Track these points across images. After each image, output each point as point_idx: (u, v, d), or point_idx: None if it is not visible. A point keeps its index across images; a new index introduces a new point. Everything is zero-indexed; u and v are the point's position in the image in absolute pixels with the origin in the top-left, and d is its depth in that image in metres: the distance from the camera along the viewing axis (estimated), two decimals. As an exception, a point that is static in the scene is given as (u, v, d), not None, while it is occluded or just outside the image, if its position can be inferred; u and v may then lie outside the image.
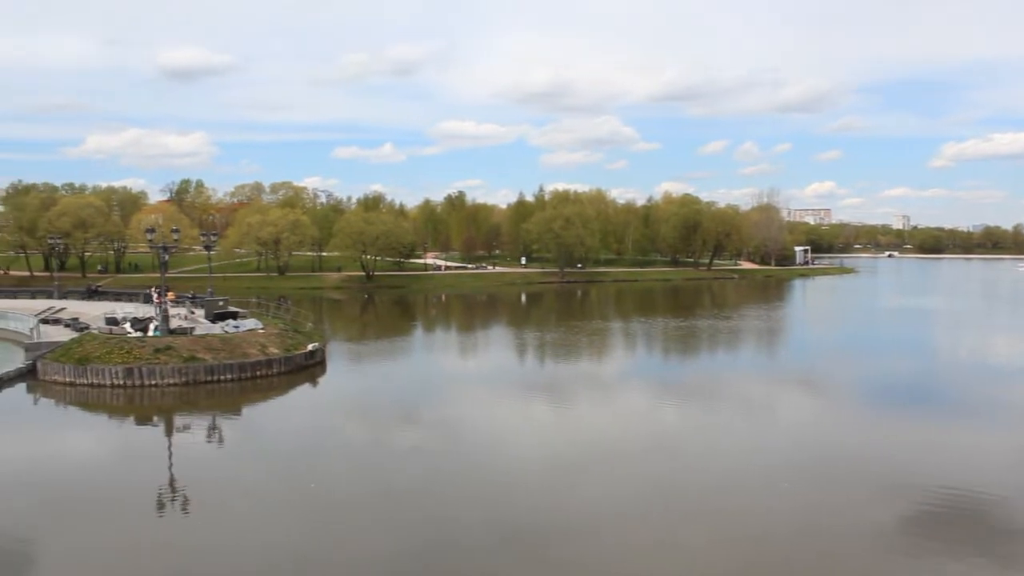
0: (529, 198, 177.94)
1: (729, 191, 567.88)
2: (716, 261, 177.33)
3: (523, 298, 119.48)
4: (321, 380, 47.27)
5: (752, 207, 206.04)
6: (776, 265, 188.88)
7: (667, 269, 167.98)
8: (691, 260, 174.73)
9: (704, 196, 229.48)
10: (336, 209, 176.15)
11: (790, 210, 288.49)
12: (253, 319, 53.57)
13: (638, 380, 49.96)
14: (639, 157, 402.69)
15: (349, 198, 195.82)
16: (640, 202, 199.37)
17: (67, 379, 43.57)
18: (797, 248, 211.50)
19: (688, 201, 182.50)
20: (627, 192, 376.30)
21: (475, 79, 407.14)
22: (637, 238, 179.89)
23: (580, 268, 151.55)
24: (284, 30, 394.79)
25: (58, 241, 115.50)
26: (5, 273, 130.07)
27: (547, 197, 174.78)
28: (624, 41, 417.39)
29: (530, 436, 34.53)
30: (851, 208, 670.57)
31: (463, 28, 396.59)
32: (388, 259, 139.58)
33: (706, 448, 32.48)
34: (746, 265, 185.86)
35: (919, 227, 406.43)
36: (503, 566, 20.48)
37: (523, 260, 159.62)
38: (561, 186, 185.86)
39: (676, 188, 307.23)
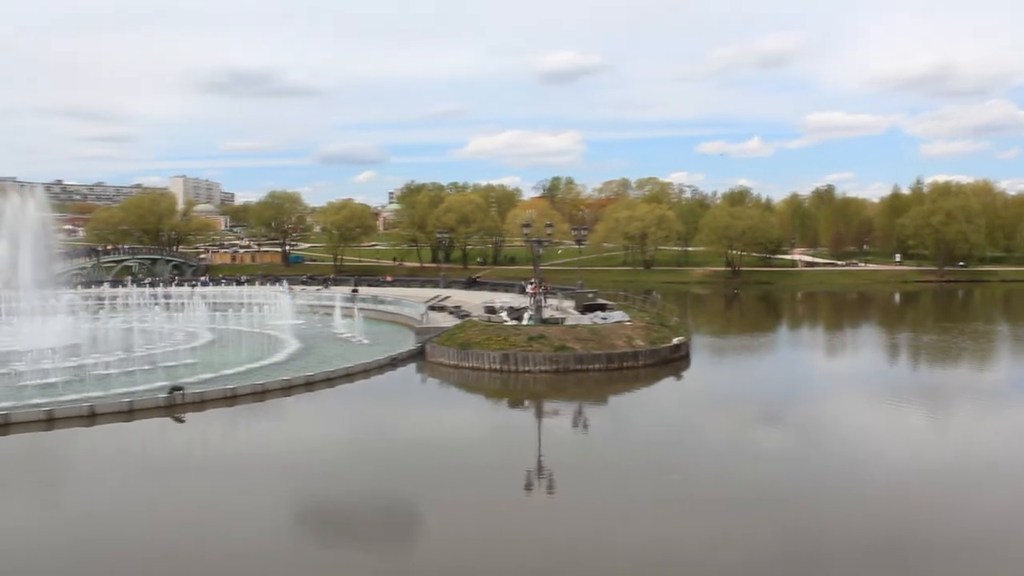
0: (904, 191, 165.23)
1: None
2: None
3: (896, 297, 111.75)
4: (685, 374, 46.97)
5: None
6: None
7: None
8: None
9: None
10: (701, 204, 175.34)
11: None
12: (620, 311, 54.47)
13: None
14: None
15: (714, 193, 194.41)
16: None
17: (450, 361, 46.87)
18: None
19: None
20: (1020, 183, 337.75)
21: (847, 68, 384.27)
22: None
23: (962, 266, 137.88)
24: (653, 29, 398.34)
25: (444, 235, 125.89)
26: (400, 264, 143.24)
27: (925, 190, 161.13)
28: (1018, 17, 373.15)
29: (902, 445, 31.90)
30: None
31: (836, 15, 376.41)
32: (754, 255, 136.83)
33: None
34: None
35: None
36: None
37: (897, 257, 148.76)
38: (941, 178, 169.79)
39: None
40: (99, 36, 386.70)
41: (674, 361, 48.37)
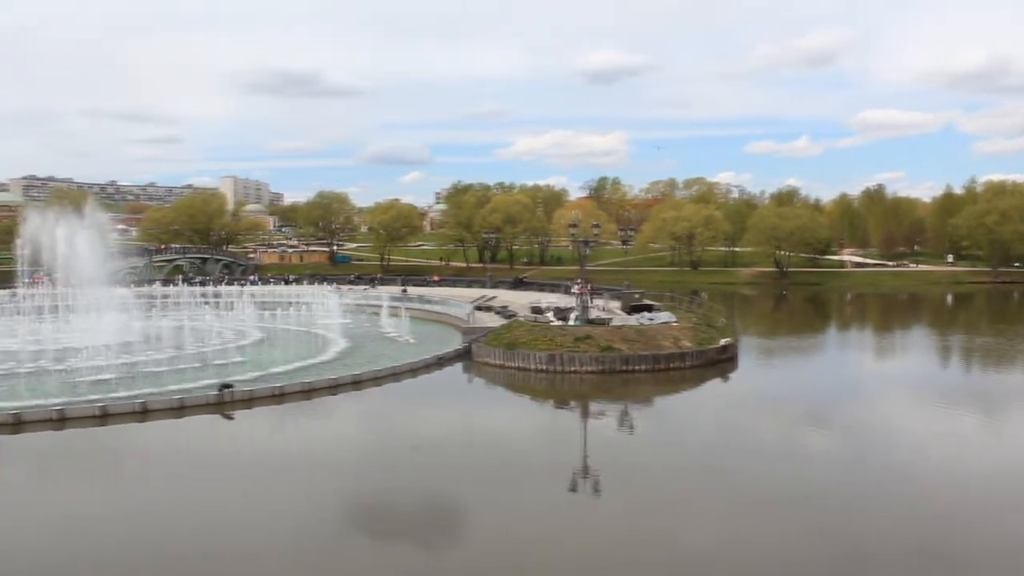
0: (957, 190, 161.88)
1: None
2: None
3: (948, 299, 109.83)
4: (732, 376, 46.60)
5: None
6: None
7: None
8: None
9: None
10: (749, 204, 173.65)
11: None
12: (667, 312, 54.19)
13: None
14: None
15: (762, 193, 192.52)
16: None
17: (497, 361, 46.94)
18: None
19: None
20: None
21: (898, 64, 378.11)
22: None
23: (1017, 267, 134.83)
24: (697, 27, 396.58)
25: (490, 235, 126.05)
26: (446, 264, 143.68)
27: (978, 189, 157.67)
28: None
29: (951, 450, 31.41)
30: None
31: (884, 10, 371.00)
32: (802, 255, 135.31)
33: None
34: None
35: None
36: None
37: (949, 258, 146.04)
38: (996, 176, 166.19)
39: None
40: (150, 39, 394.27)
41: (721, 362, 48.01)
